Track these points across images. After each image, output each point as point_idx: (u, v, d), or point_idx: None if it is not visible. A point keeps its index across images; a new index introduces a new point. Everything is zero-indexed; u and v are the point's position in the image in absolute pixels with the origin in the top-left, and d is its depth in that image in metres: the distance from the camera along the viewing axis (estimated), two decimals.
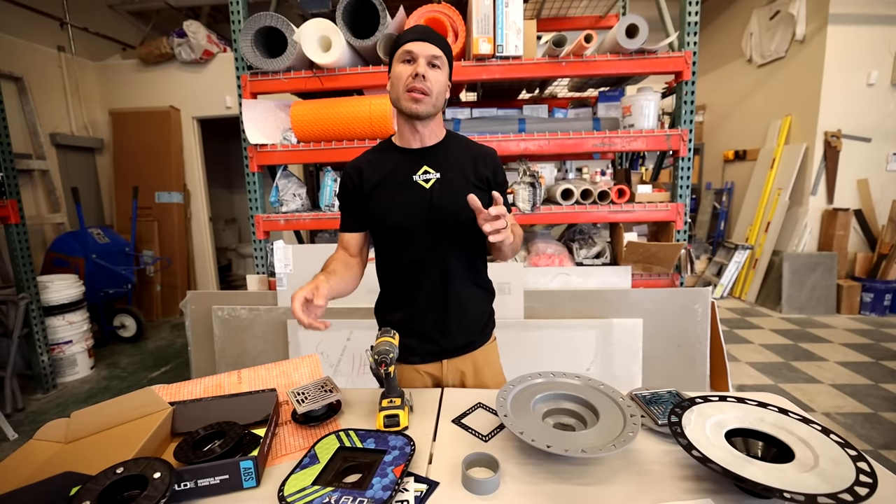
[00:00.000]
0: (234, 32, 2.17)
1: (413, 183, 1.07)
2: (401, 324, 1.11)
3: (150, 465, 0.71)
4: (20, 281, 2.73)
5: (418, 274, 1.10)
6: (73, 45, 4.14)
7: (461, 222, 1.05)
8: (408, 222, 1.07)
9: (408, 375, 1.17)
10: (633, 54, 2.04)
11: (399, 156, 1.09)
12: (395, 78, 1.02)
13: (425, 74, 0.98)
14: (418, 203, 1.06)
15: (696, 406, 0.85)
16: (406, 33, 1.02)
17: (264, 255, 2.33)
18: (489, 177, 1.11)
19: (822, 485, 0.63)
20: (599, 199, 2.19)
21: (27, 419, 2.59)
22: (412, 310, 1.13)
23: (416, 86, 0.98)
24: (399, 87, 1.01)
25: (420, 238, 1.07)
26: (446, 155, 1.09)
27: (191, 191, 4.63)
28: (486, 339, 1.21)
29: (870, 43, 3.93)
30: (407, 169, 1.07)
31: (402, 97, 1.01)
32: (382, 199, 1.07)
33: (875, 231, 4.13)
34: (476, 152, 1.12)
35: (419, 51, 0.99)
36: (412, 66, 0.99)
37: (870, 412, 2.43)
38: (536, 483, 0.76)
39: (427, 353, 1.15)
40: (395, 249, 1.11)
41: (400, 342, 1.02)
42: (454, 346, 1.16)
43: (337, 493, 0.71)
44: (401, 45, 1.01)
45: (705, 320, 2.06)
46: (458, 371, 1.17)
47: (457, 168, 1.08)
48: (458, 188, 1.06)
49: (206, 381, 1.11)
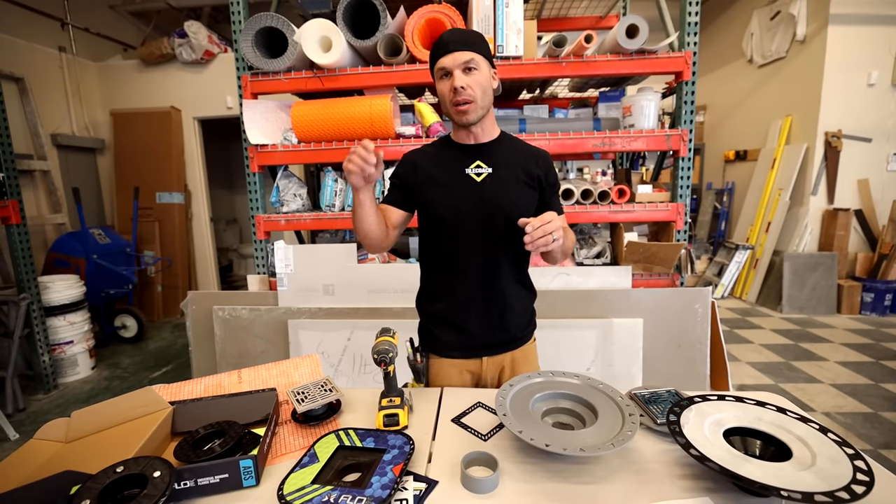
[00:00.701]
0: (235, 33, 2.18)
1: (465, 175, 1.10)
2: (441, 316, 1.14)
3: (150, 463, 0.71)
4: (21, 281, 2.73)
5: (463, 265, 1.12)
6: (74, 46, 4.15)
7: (509, 218, 1.07)
8: (457, 212, 1.09)
9: (446, 371, 1.17)
10: (633, 54, 2.04)
11: (454, 150, 1.14)
12: (440, 96, 1.07)
13: (463, 85, 1.02)
14: (469, 195, 1.09)
15: (695, 405, 0.85)
16: (437, 47, 1.05)
17: (265, 256, 2.34)
18: (541, 176, 1.13)
19: (820, 483, 0.64)
20: (600, 199, 2.19)
21: (28, 419, 2.60)
22: (454, 302, 1.14)
23: (459, 99, 1.03)
24: (446, 103, 1.06)
25: (467, 229, 1.09)
26: (499, 152, 1.13)
27: (192, 191, 4.64)
28: (527, 338, 1.22)
29: (870, 43, 3.93)
30: (460, 162, 1.11)
31: (451, 112, 1.07)
32: (434, 188, 1.11)
33: (875, 231, 4.13)
34: (529, 152, 1.16)
35: (451, 63, 1.02)
36: (450, 80, 1.03)
37: (870, 412, 2.43)
38: (535, 482, 0.76)
39: (467, 347, 1.16)
40: (441, 238, 1.13)
41: (442, 334, 1.08)
42: (495, 343, 1.16)
43: (336, 492, 0.71)
44: (433, 62, 1.06)
45: (705, 320, 2.06)
46: (497, 368, 1.18)
47: (509, 165, 1.11)
48: (509, 184, 1.10)
49: (207, 380, 1.11)
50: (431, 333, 1.19)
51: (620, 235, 2.34)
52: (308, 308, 2.16)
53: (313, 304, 2.17)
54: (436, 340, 1.18)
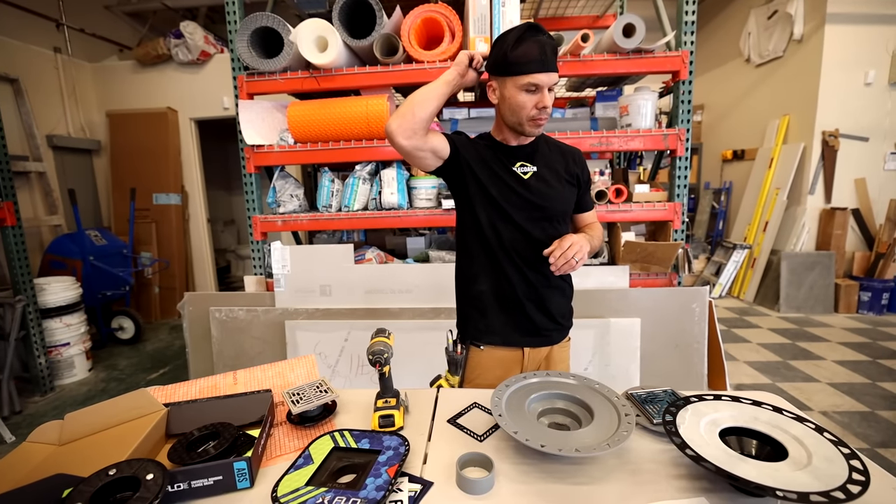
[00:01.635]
0: (231, 33, 2.17)
1: (512, 171, 1.14)
2: (484, 297, 1.17)
3: (143, 466, 0.71)
4: (17, 283, 2.72)
5: (509, 247, 1.15)
6: (69, 47, 4.14)
7: (554, 214, 1.16)
8: (507, 200, 1.13)
9: (485, 363, 1.20)
10: (630, 54, 2.04)
11: (498, 148, 1.17)
12: (518, 106, 1.05)
13: (548, 105, 1.04)
14: (519, 188, 1.13)
15: (691, 405, 0.84)
16: (529, 61, 1.00)
17: (262, 257, 2.33)
18: (578, 174, 1.21)
19: (815, 483, 0.63)
20: (597, 199, 2.19)
21: (25, 422, 2.58)
22: (498, 283, 1.17)
23: (542, 116, 1.06)
24: (523, 114, 1.06)
25: (516, 218, 1.13)
26: (540, 152, 1.18)
27: (189, 192, 4.63)
28: (563, 334, 1.26)
29: (867, 42, 3.94)
30: (506, 160, 1.15)
31: (525, 124, 1.08)
32: (487, 173, 1.14)
33: (873, 230, 4.14)
34: (565, 151, 1.22)
35: (546, 82, 1.02)
36: (537, 96, 1.04)
37: (867, 411, 2.43)
38: (531, 482, 0.76)
39: (512, 331, 1.18)
40: (491, 219, 1.15)
41: (484, 316, 1.13)
42: (538, 331, 1.19)
43: (330, 494, 0.71)
44: (523, 72, 1.01)
45: (703, 319, 2.06)
46: (536, 365, 1.22)
47: (550, 164, 1.17)
48: (553, 182, 1.16)
49: (202, 382, 1.10)
50: (472, 318, 1.21)
51: (618, 235, 2.34)
52: (305, 309, 2.16)
53: (310, 304, 2.17)
54: (476, 325, 1.20)
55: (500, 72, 1.06)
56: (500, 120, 1.14)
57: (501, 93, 1.08)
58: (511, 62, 1.02)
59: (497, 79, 1.08)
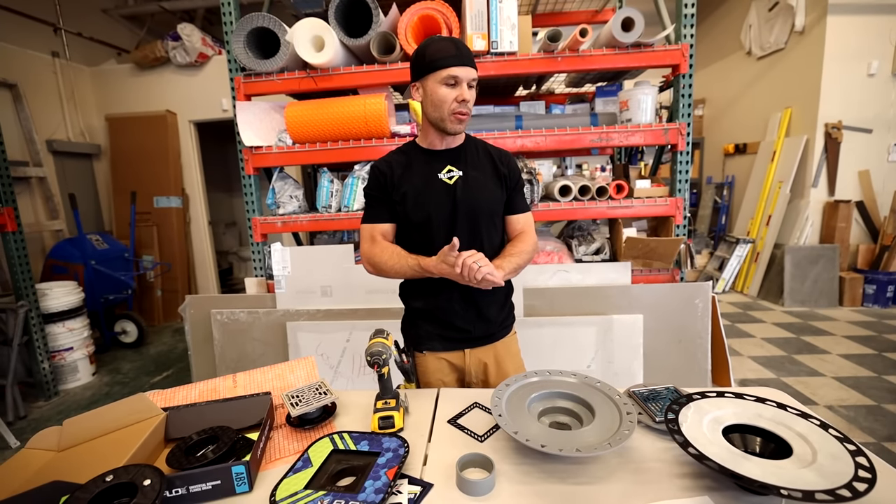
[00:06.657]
0: (227, 34, 2.16)
1: (438, 180, 1.15)
2: (424, 310, 1.20)
3: (141, 472, 0.70)
4: (19, 289, 2.73)
5: None
6: (67, 51, 4.14)
7: (482, 217, 1.15)
8: (433, 216, 1.13)
9: (432, 366, 1.21)
10: (629, 48, 2.02)
11: (424, 156, 1.17)
12: (440, 101, 1.07)
13: (468, 99, 1.06)
14: (443, 198, 1.14)
15: (694, 402, 0.83)
16: (446, 56, 1.05)
17: (262, 258, 2.33)
18: (506, 174, 1.20)
19: (821, 481, 0.62)
20: (598, 195, 2.17)
21: (29, 427, 2.59)
22: (434, 298, 1.18)
23: (463, 110, 1.07)
24: (444, 109, 1.08)
25: (444, 231, 1.13)
26: (468, 155, 1.18)
27: (189, 195, 4.63)
28: (506, 331, 1.27)
29: (870, 33, 3.89)
30: (432, 167, 1.15)
31: (447, 119, 1.09)
32: (410, 195, 1.14)
33: (877, 222, 4.10)
34: (493, 153, 1.22)
35: (464, 76, 1.05)
36: (457, 90, 1.06)
37: (873, 404, 2.41)
38: (531, 483, 0.75)
39: (449, 339, 1.20)
40: (420, 241, 1.16)
41: (422, 327, 1.14)
42: (475, 336, 1.20)
43: (329, 497, 0.70)
44: (441, 66, 1.05)
45: (706, 315, 2.04)
46: (480, 362, 1.22)
47: (478, 167, 1.18)
48: (480, 185, 1.16)
49: (201, 385, 1.10)
50: (414, 325, 1.24)
51: (619, 231, 2.32)
52: (306, 310, 2.15)
53: (311, 305, 2.16)
54: (417, 333, 1.22)
55: (421, 72, 1.09)
56: (426, 122, 1.14)
57: (424, 90, 1.10)
58: (429, 60, 1.06)
59: (420, 81, 1.10)
